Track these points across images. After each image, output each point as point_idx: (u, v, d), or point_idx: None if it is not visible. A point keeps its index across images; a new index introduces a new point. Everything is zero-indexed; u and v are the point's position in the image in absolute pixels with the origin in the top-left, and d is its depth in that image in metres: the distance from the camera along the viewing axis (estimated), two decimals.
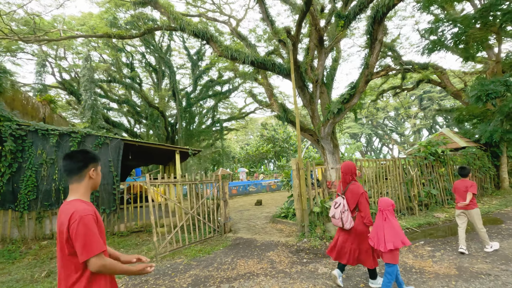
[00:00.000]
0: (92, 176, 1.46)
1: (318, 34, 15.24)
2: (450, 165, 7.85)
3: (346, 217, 2.92)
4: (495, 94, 7.89)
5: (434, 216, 6.28)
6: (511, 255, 3.72)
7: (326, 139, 15.28)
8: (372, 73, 14.33)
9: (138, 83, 26.54)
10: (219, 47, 14.13)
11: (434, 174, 7.41)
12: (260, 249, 4.90)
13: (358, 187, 2.99)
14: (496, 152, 8.83)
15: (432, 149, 7.26)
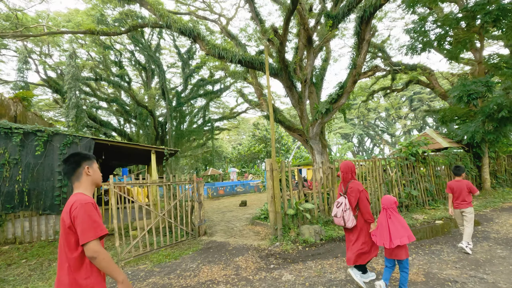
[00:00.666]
0: (89, 173, 1.58)
1: (306, 33, 15.10)
2: (432, 165, 7.76)
3: (347, 216, 2.94)
4: (476, 95, 7.85)
5: (412, 217, 6.16)
6: (482, 260, 3.59)
7: (315, 139, 15.15)
8: (360, 73, 14.25)
9: (127, 81, 26.04)
10: (206, 45, 13.87)
11: (415, 175, 7.31)
12: (230, 254, 4.68)
13: (358, 184, 3.01)
14: (478, 153, 8.80)
15: (413, 150, 7.15)
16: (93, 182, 1.61)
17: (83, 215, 1.38)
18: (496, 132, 8.10)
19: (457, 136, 8.89)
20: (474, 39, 8.89)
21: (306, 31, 14.75)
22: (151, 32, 24.55)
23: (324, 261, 3.99)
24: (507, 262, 3.46)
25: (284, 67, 14.17)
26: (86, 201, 1.43)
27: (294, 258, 4.24)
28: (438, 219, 6.04)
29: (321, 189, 5.72)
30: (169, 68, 31.43)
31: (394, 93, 28.13)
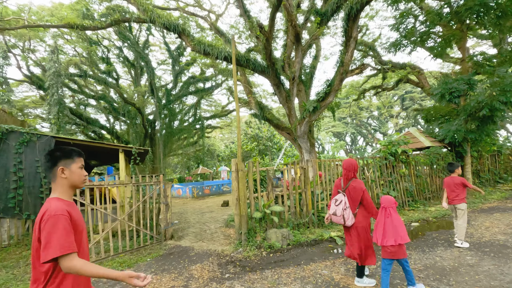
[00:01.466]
0: (63, 176, 1.39)
1: (294, 30, 14.77)
2: (412, 165, 7.53)
3: (347, 214, 2.88)
4: (458, 93, 7.63)
5: None
6: (449, 268, 3.33)
7: (303, 137, 14.88)
8: (347, 71, 13.99)
9: (115, 78, 25.45)
10: (191, 41, 13.47)
11: (395, 175, 7.07)
12: (189, 261, 4.36)
13: (361, 183, 2.95)
14: (461, 152, 8.60)
15: (392, 149, 6.90)
16: (70, 185, 1.42)
17: (50, 229, 1.22)
18: (478, 131, 7.91)
19: (440, 135, 8.68)
20: (458, 36, 8.68)
21: (294, 28, 14.43)
22: (139, 28, 23.96)
23: (284, 269, 3.70)
24: (474, 271, 3.20)
25: (271, 64, 13.84)
26: (57, 211, 1.25)
27: (254, 266, 3.94)
28: (415, 221, 5.81)
29: (292, 190, 5.43)
30: (160, 65, 30.84)
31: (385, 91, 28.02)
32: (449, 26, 8.38)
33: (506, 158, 10.77)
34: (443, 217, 6.02)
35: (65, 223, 1.25)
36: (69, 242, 1.23)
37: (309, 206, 5.56)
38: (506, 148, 10.81)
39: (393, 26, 8.99)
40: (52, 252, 1.18)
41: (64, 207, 1.30)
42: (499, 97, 6.91)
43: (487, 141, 9.55)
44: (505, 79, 6.83)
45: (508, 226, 4.90)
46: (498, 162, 10.30)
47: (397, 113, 38.68)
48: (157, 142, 26.53)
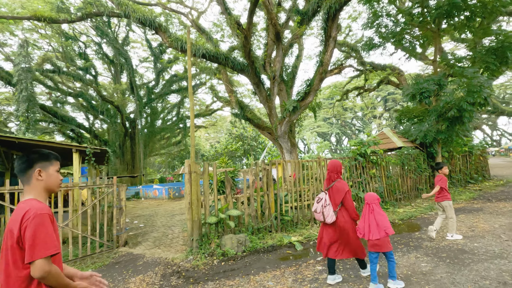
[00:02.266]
0: (39, 178, 1.34)
1: (274, 29, 14.51)
2: (383, 166, 7.41)
3: (327, 211, 2.95)
4: (428, 93, 7.56)
5: None
6: (401, 276, 3.10)
7: (283, 137, 14.63)
8: (326, 71, 13.87)
9: (93, 75, 24.44)
10: (168, 38, 12.95)
11: (365, 176, 6.90)
12: (133, 271, 3.96)
13: (344, 184, 3.04)
14: (432, 153, 8.59)
15: (362, 150, 6.73)
16: (46, 188, 1.36)
17: (36, 228, 1.17)
18: (447, 132, 7.89)
19: (412, 135, 8.63)
20: (430, 37, 8.66)
21: (274, 26, 14.16)
22: (118, 24, 23.04)
23: (229, 281, 3.37)
24: (425, 280, 2.99)
25: (251, 63, 13.51)
26: (42, 210, 1.22)
27: (199, 276, 3.59)
28: None
29: (253, 193, 5.11)
30: (142, 62, 29.93)
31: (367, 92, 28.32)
32: (422, 26, 8.34)
33: (477, 159, 10.94)
34: (409, 219, 5.88)
35: (51, 223, 1.22)
36: (55, 242, 1.20)
37: (271, 209, 5.27)
38: (477, 149, 10.98)
39: (366, 24, 8.86)
40: (38, 251, 1.14)
41: (48, 208, 1.27)
42: (466, 98, 6.88)
43: (458, 142, 9.62)
44: (473, 80, 6.80)
45: (470, 229, 4.79)
46: (469, 162, 10.42)
47: (380, 114, 39.35)
48: (137, 141, 25.66)
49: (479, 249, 3.77)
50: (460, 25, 8.08)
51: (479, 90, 6.71)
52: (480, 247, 3.87)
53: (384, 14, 8.35)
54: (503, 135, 47.94)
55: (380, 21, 8.44)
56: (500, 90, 39.71)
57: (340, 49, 25.44)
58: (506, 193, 8.11)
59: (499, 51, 7.55)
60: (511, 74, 35.29)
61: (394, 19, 8.43)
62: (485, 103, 7.98)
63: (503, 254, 3.55)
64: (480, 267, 3.21)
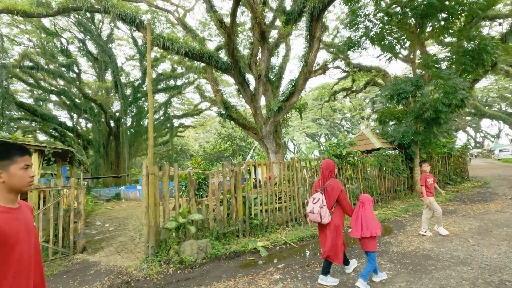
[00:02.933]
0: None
1: (259, 28, 14.29)
2: (360, 167, 7.27)
3: (324, 212, 2.92)
4: (405, 94, 7.48)
5: None
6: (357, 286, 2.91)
7: (268, 138, 14.42)
8: (311, 71, 13.72)
9: (76, 72, 23.67)
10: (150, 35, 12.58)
11: (341, 178, 6.74)
12: (81, 281, 3.63)
13: (338, 183, 3.02)
14: (411, 154, 8.54)
15: (337, 151, 6.56)
16: (10, 189, 1.17)
17: None
18: (425, 133, 7.84)
19: (391, 136, 8.56)
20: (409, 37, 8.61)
21: (259, 25, 13.94)
22: (101, 20, 22.36)
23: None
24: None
25: (234, 62, 13.26)
26: None
27: (149, 287, 3.31)
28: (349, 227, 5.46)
29: (219, 196, 4.85)
30: (128, 60, 29.26)
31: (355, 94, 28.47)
32: (401, 27, 8.27)
33: (456, 160, 11.01)
34: (382, 222, 5.74)
35: None
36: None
37: (239, 213, 5.02)
38: (456, 150, 11.05)
39: (346, 24, 8.75)
40: None
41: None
42: (442, 99, 6.82)
43: (437, 143, 9.63)
44: (448, 81, 6.74)
45: (439, 233, 4.67)
46: (448, 164, 10.47)
47: (368, 115, 39.73)
48: (122, 141, 24.99)
49: (445, 255, 3.63)
50: (439, 26, 8.05)
51: (454, 91, 6.66)
52: (446, 252, 3.73)
53: (362, 14, 8.24)
54: (486, 137, 49.30)
55: (359, 20, 8.33)
56: (483, 93, 40.78)
57: (328, 50, 25.50)
58: (482, 195, 8.12)
59: (475, 53, 7.55)
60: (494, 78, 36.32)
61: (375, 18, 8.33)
62: (462, 104, 7.97)
63: (467, 260, 3.41)
64: (442, 274, 3.05)
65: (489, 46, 7.34)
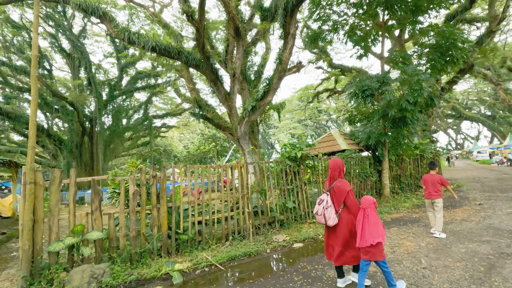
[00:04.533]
0: None
1: (233, 24, 13.46)
2: (321, 171, 6.54)
3: (329, 213, 2.74)
4: (370, 91, 6.80)
5: (272, 240, 4.73)
6: None
7: (244, 138, 13.62)
8: (285, 69, 13.00)
9: (47, 68, 22.29)
10: (114, 28, 11.55)
11: (297, 182, 5.99)
12: None
13: (346, 184, 2.81)
14: (379, 156, 7.89)
15: (292, 153, 5.80)
16: None
17: None
18: (392, 134, 7.20)
19: (358, 137, 7.90)
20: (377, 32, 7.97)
21: (233, 20, 13.12)
22: (72, 13, 21.08)
23: None
24: None
25: (205, 58, 12.39)
26: None
27: None
28: (302, 240, 4.69)
29: (134, 207, 3.98)
30: (106, 57, 27.95)
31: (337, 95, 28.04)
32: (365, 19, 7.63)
33: None
34: None
35: None
36: None
37: (163, 227, 4.17)
38: (430, 152, 10.53)
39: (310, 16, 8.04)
40: None
41: None
42: (407, 96, 6.17)
43: (409, 145, 9.05)
44: (413, 77, 6.10)
45: (392, 249, 3.95)
46: (421, 166, 9.92)
47: None
48: (97, 141, 23.69)
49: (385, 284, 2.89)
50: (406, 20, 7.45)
51: (419, 88, 6.01)
52: None
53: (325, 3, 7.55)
54: (466, 139, 50.13)
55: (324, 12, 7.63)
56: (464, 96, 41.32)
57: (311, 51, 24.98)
58: (452, 200, 7.55)
59: (444, 48, 6.97)
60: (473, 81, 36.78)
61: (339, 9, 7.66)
62: (431, 103, 7.39)
63: None
64: None
65: (458, 41, 6.76)
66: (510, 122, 32.96)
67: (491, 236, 4.18)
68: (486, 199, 7.26)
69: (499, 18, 17.77)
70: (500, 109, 35.21)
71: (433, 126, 38.45)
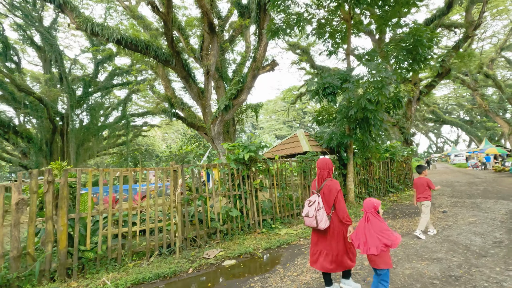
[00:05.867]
0: None
1: (207, 19, 12.76)
2: (276, 175, 5.91)
3: (321, 215, 2.52)
4: (331, 89, 6.22)
5: (201, 257, 4.03)
6: None
7: (218, 138, 12.88)
8: (260, 67, 12.40)
9: (15, 61, 20.86)
10: (76, 18, 10.59)
11: (246, 188, 5.32)
12: None
13: (336, 183, 2.63)
14: (343, 159, 7.35)
15: (240, 155, 5.13)
16: None
17: None
18: (355, 135, 6.67)
19: (322, 139, 7.34)
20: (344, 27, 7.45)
21: (206, 15, 12.43)
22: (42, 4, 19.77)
23: None
24: None
25: (175, 54, 11.60)
26: None
27: None
28: (236, 256, 4.02)
29: (18, 220, 3.20)
30: (84, 52, 26.58)
31: None
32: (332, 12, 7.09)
33: (400, 166, 10.09)
34: (279, 247, 4.35)
35: None
36: None
37: (61, 244, 3.40)
38: (401, 155, 10.14)
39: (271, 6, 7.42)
40: None
41: None
42: (367, 95, 5.64)
43: (377, 148, 8.59)
44: (375, 75, 5.57)
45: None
46: (390, 170, 9.49)
47: None
48: (69, 140, 22.38)
49: None
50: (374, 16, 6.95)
51: (381, 86, 5.49)
52: None
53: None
54: (446, 143, 51.18)
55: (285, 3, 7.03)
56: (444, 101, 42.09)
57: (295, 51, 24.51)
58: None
59: (410, 46, 6.50)
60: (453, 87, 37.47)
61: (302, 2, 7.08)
62: (399, 104, 6.93)
63: None
64: None
65: (425, 39, 6.30)
66: (486, 127, 33.69)
67: (445, 252, 3.65)
68: (452, 205, 6.84)
69: (475, 24, 17.86)
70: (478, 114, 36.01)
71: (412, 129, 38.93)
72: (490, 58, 25.07)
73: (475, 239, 4.13)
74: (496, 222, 5.04)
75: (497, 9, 21.42)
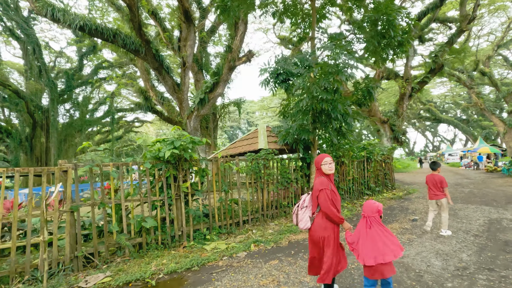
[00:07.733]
0: None
1: (182, 6, 11.70)
2: (214, 176, 4.92)
3: (302, 214, 2.37)
4: (285, 76, 5.20)
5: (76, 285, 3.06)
6: None
7: (195, 134, 11.88)
8: (236, 59, 11.36)
9: None
10: (35, 2, 9.58)
11: (172, 192, 4.34)
12: None
13: (318, 182, 2.35)
14: (305, 158, 6.35)
15: (160, 153, 4.13)
16: None
17: None
18: (314, 131, 5.67)
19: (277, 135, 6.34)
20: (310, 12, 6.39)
21: (181, 2, 11.38)
22: None
23: None
24: None
25: (145, 43, 10.57)
26: None
27: None
28: (122, 284, 3.04)
29: None
30: (71, 45, 25.57)
31: None
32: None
33: (378, 166, 9.07)
34: (189, 269, 3.37)
35: None
36: None
37: None
38: (381, 155, 9.13)
39: None
40: None
41: None
42: (319, 81, 4.62)
43: (351, 146, 7.57)
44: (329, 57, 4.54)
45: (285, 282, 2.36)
46: (367, 170, 8.48)
47: None
48: (51, 135, 21.47)
49: None
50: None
51: (335, 71, 4.46)
52: None
53: None
54: (442, 141, 49.94)
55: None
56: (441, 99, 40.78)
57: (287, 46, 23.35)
58: (391, 210, 6.11)
59: (381, 26, 5.46)
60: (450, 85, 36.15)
61: None
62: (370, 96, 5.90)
63: None
64: None
65: (396, 19, 5.26)
66: (482, 126, 32.50)
67: None
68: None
69: (469, 17, 16.69)
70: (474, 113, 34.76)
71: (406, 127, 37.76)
72: (487, 55, 23.82)
73: (435, 262, 3.14)
74: (469, 236, 4.05)
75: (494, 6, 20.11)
